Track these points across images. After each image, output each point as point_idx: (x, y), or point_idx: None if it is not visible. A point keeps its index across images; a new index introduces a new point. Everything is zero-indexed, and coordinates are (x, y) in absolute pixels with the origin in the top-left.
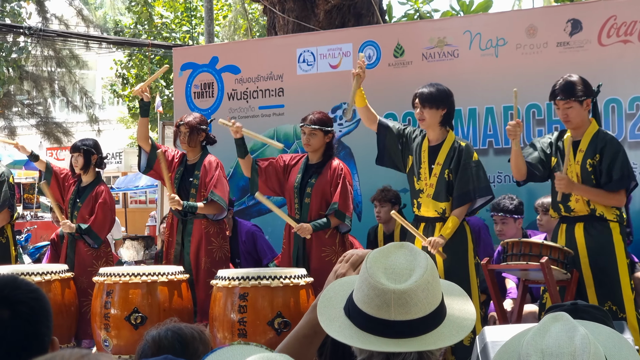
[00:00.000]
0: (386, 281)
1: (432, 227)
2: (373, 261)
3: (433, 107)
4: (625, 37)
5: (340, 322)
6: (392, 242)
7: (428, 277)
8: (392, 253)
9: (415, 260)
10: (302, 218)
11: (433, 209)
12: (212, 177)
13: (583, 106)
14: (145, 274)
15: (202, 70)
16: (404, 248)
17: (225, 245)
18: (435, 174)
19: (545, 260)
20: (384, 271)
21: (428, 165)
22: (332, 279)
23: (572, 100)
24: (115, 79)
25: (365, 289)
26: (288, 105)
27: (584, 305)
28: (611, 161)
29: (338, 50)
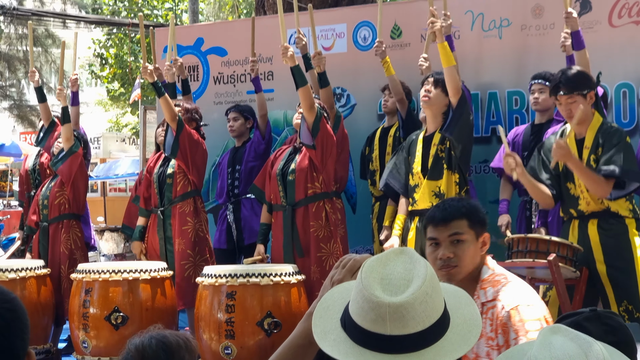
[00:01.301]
0: (381, 293)
1: None
2: (369, 270)
3: (444, 90)
4: (637, 17)
5: (335, 335)
6: (388, 135)
7: (427, 289)
8: (390, 260)
9: (414, 269)
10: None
11: (428, 197)
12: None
13: (587, 100)
14: (126, 271)
15: (187, 52)
16: (404, 254)
17: (201, 225)
18: (432, 155)
19: (553, 257)
20: (380, 282)
21: (422, 155)
22: (328, 286)
23: (575, 94)
24: (94, 59)
25: (359, 300)
26: (278, 90)
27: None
28: (611, 150)
29: (331, 31)
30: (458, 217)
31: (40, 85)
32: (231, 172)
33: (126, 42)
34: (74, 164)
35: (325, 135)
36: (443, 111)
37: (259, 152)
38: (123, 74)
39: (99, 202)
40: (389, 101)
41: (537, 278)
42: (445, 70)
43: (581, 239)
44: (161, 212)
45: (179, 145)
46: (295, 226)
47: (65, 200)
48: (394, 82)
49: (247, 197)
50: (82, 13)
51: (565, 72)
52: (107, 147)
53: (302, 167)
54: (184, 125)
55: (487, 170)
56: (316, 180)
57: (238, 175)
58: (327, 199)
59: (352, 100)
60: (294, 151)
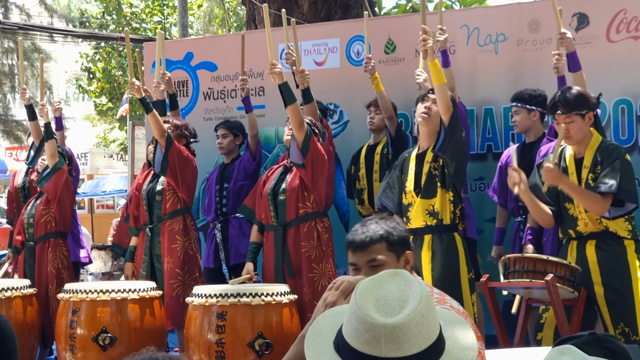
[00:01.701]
0: (376, 314)
1: (421, 240)
2: (363, 291)
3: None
4: (636, 32)
5: (328, 358)
6: (375, 153)
7: (422, 310)
8: (384, 282)
9: (409, 290)
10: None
11: (422, 216)
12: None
13: (585, 120)
14: (114, 291)
15: (176, 67)
16: (398, 276)
17: (191, 244)
18: (425, 172)
19: (550, 277)
20: (375, 303)
21: (415, 173)
22: (321, 308)
23: (573, 114)
24: (81, 73)
25: (354, 322)
26: (269, 105)
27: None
28: (609, 166)
29: (324, 46)
30: (376, 241)
31: (31, 102)
32: (219, 190)
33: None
34: (59, 181)
35: (316, 153)
36: (438, 130)
37: (249, 171)
38: (111, 88)
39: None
40: (375, 118)
41: (534, 299)
42: (436, 88)
43: (579, 259)
44: (150, 230)
45: (169, 162)
46: (287, 247)
47: (52, 218)
48: (383, 99)
49: (235, 216)
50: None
51: (565, 91)
52: (94, 163)
53: (293, 187)
54: (173, 142)
55: (483, 187)
56: (307, 199)
57: (226, 194)
58: (319, 219)
59: (345, 117)
60: (285, 171)
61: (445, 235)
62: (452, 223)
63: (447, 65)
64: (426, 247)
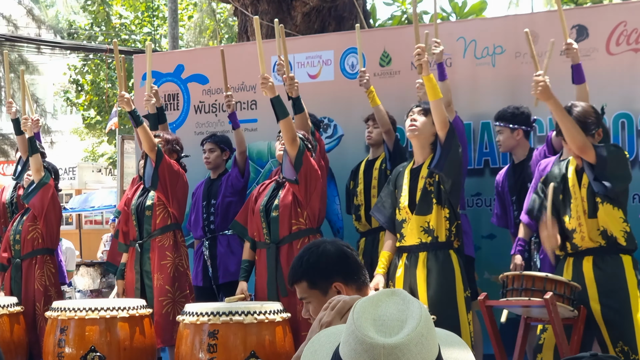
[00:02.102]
0: (375, 334)
1: (416, 258)
2: (361, 311)
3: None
4: (636, 45)
5: None
6: (373, 168)
7: (422, 330)
8: (382, 302)
9: (407, 310)
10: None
11: (417, 233)
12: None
13: (595, 138)
14: (103, 309)
15: (166, 80)
16: (396, 295)
17: (181, 260)
18: (420, 188)
19: (549, 296)
20: (373, 323)
21: (409, 188)
22: (316, 329)
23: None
24: (69, 85)
25: (352, 342)
26: (262, 119)
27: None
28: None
29: (317, 58)
30: (297, 280)
31: (18, 116)
32: (206, 206)
33: (103, 68)
34: (46, 196)
35: (309, 169)
36: (431, 142)
37: (237, 188)
38: (99, 101)
39: (74, 235)
40: (373, 132)
41: (533, 317)
42: (432, 104)
43: (576, 276)
44: (139, 246)
45: (159, 177)
46: (280, 264)
47: (39, 234)
48: (379, 113)
49: (224, 233)
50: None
51: (570, 110)
52: (82, 178)
53: (286, 203)
54: (163, 156)
55: (480, 203)
56: (300, 216)
57: (214, 210)
58: (312, 235)
59: (340, 131)
60: (277, 186)
61: (440, 253)
62: (447, 240)
63: (443, 78)
64: (421, 265)
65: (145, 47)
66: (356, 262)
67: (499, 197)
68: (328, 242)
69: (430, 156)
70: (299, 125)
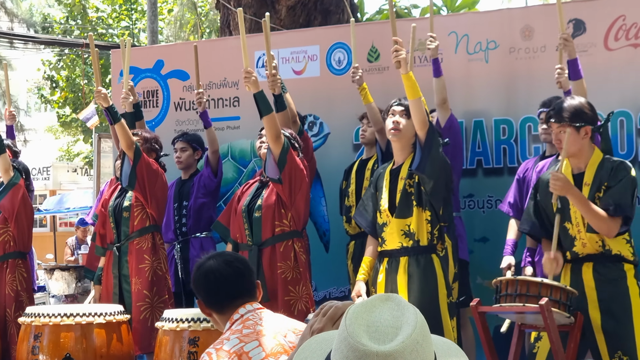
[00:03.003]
0: (368, 342)
1: (397, 263)
2: (354, 317)
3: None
4: (635, 40)
5: None
6: (366, 168)
7: (417, 337)
8: (376, 307)
9: (402, 316)
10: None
11: (397, 236)
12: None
13: (580, 134)
14: (79, 314)
15: (145, 76)
16: (390, 301)
17: (160, 263)
18: (399, 190)
19: (545, 301)
20: (366, 329)
21: (389, 190)
22: (307, 335)
23: (565, 124)
24: (43, 81)
25: (344, 349)
26: (245, 117)
27: None
28: (614, 184)
29: (303, 54)
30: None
31: None
32: (178, 208)
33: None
34: (16, 197)
35: (294, 168)
36: (412, 142)
37: (210, 188)
38: (75, 98)
39: (49, 238)
40: (367, 131)
41: (528, 324)
42: (411, 103)
43: (574, 283)
44: (117, 249)
45: (137, 176)
46: (262, 268)
47: (10, 237)
48: (372, 111)
49: (196, 236)
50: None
51: (564, 100)
52: (57, 178)
53: (269, 204)
54: (141, 154)
55: (473, 205)
56: (284, 217)
57: (186, 212)
58: (297, 238)
59: (326, 129)
60: (261, 186)
61: (422, 257)
62: (429, 244)
63: (438, 74)
64: (402, 270)
65: (123, 42)
66: (221, 281)
67: (519, 186)
68: (210, 258)
69: (411, 156)
70: (282, 123)
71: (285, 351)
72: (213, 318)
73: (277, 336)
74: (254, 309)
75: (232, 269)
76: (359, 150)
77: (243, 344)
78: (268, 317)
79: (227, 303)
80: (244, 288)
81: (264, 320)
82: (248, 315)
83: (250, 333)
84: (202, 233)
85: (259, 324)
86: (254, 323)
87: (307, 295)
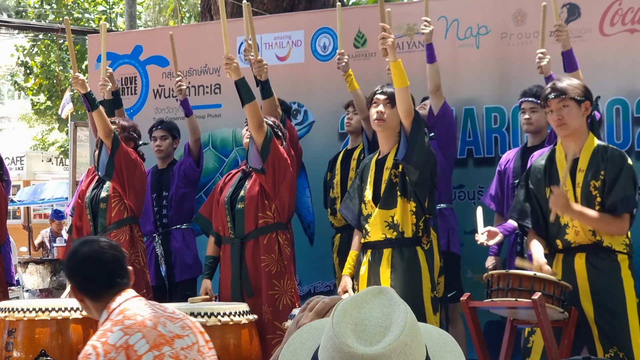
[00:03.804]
0: (354, 342)
1: (380, 255)
2: (342, 314)
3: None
4: (632, 25)
5: None
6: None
7: (405, 338)
8: (366, 302)
9: (393, 314)
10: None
11: (381, 228)
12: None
13: (581, 109)
14: (55, 309)
15: (123, 62)
16: (383, 295)
17: (138, 257)
18: (384, 180)
19: (538, 296)
20: (354, 328)
21: (374, 180)
22: (293, 331)
23: (568, 97)
24: (17, 68)
25: (330, 349)
26: (226, 105)
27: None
28: (614, 178)
29: (287, 39)
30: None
31: None
32: (157, 198)
33: (54, 49)
34: None
35: (277, 158)
36: (397, 131)
37: (192, 178)
38: (50, 85)
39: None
40: (352, 119)
41: (520, 320)
42: (398, 91)
43: (566, 275)
44: None
45: (115, 165)
46: (245, 262)
47: None
48: (358, 98)
49: (178, 227)
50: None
51: (560, 78)
52: (31, 168)
53: (252, 195)
54: (120, 143)
55: (463, 196)
56: (268, 208)
57: (166, 203)
58: (281, 231)
59: (310, 117)
60: (244, 176)
61: (406, 249)
62: (414, 236)
63: (432, 60)
64: (385, 262)
65: (100, 27)
66: (99, 267)
67: (499, 178)
68: (84, 244)
69: (396, 146)
70: (267, 111)
71: (167, 342)
72: (85, 304)
73: (157, 326)
74: (131, 297)
75: (109, 255)
76: (345, 139)
77: (128, 337)
78: (144, 306)
79: (104, 290)
80: (120, 275)
81: (142, 309)
82: (126, 305)
83: (133, 324)
84: (184, 224)
85: (139, 314)
86: (134, 313)
87: (292, 290)
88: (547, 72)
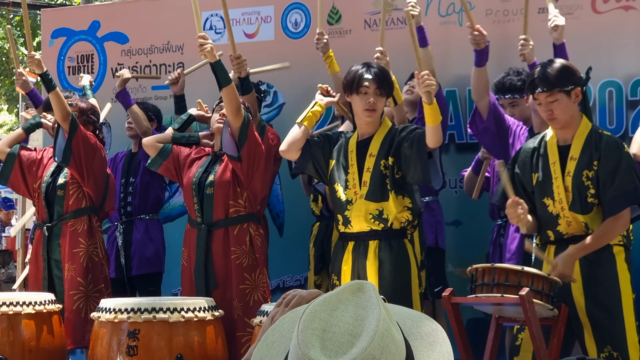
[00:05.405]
0: (318, 353)
1: (365, 247)
2: (310, 318)
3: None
4: (626, 2)
5: None
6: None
7: (373, 351)
8: (341, 303)
9: (365, 319)
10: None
11: (365, 219)
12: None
13: (572, 98)
14: (5, 304)
15: (79, 39)
16: (361, 293)
17: (96, 248)
18: (369, 169)
19: (525, 292)
20: (321, 335)
21: (357, 166)
22: (267, 327)
23: (556, 91)
24: None
25: (294, 357)
26: (190, 85)
27: None
28: (612, 172)
29: (255, 15)
30: None
31: None
32: (124, 185)
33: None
34: None
35: (254, 145)
36: (381, 113)
37: None
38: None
39: None
40: None
41: (507, 317)
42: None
43: None
44: (48, 229)
45: (72, 151)
46: (211, 252)
47: None
48: (338, 81)
49: (142, 217)
50: None
51: (545, 65)
52: None
53: (223, 181)
54: (78, 126)
55: (444, 185)
56: (240, 197)
57: (132, 190)
58: (253, 222)
59: (280, 99)
60: (214, 159)
61: (395, 242)
62: (401, 228)
63: (425, 44)
64: (372, 255)
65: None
66: None
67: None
68: None
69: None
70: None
71: None
72: None
73: None
74: None
75: None
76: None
77: None
78: None
79: None
80: None
81: None
82: None
83: None
84: (148, 215)
85: None
86: None
87: (264, 284)
88: (531, 59)
